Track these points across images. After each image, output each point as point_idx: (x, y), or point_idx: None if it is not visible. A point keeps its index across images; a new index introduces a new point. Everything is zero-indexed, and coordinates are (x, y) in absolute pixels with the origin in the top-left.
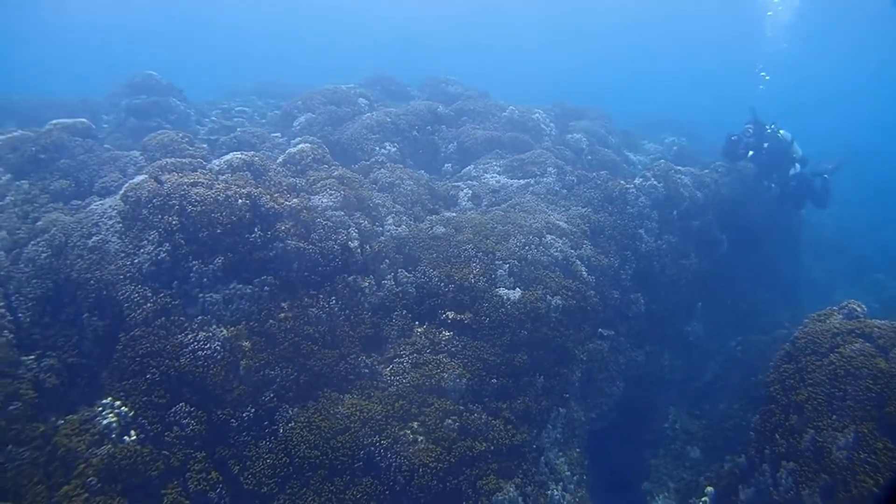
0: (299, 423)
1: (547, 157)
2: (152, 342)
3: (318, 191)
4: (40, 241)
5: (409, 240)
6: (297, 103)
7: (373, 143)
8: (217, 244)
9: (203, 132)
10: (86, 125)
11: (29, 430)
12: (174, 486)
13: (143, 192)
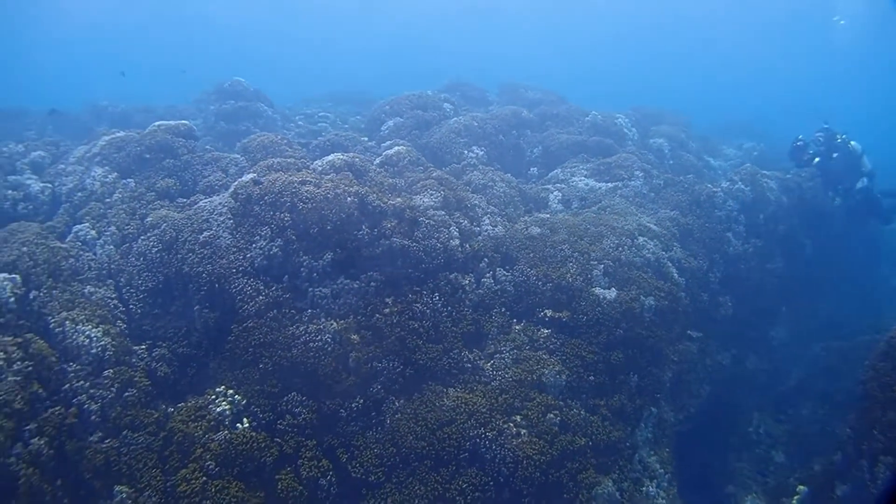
0: (406, 415)
1: (633, 161)
2: (265, 333)
3: (419, 191)
4: (150, 236)
5: (505, 239)
6: (384, 108)
7: (461, 146)
8: (327, 240)
9: (291, 136)
10: (188, 127)
11: (143, 417)
12: (287, 473)
13: (253, 190)
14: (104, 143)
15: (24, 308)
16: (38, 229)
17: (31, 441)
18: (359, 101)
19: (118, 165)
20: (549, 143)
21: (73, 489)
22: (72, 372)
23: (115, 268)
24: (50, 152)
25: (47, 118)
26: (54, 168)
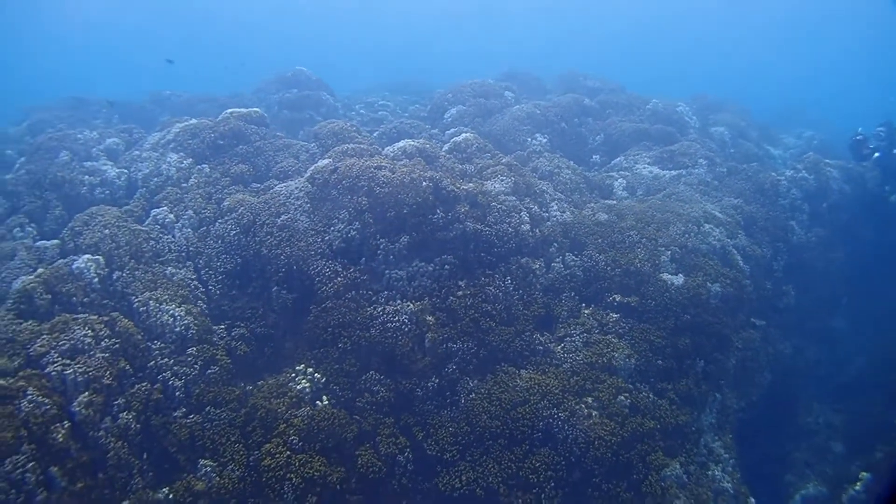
0: (480, 395)
1: (696, 149)
2: (343, 314)
3: (489, 177)
4: (228, 219)
5: (574, 225)
6: (446, 96)
7: (524, 134)
8: (403, 224)
9: (354, 124)
10: (259, 114)
11: (225, 394)
12: (367, 449)
13: (330, 174)
14: (178, 129)
15: (108, 288)
16: (118, 213)
17: (119, 416)
18: (415, 91)
19: (193, 151)
20: (610, 130)
21: (158, 463)
22: (156, 350)
23: (194, 250)
24: (123, 139)
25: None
26: (129, 154)
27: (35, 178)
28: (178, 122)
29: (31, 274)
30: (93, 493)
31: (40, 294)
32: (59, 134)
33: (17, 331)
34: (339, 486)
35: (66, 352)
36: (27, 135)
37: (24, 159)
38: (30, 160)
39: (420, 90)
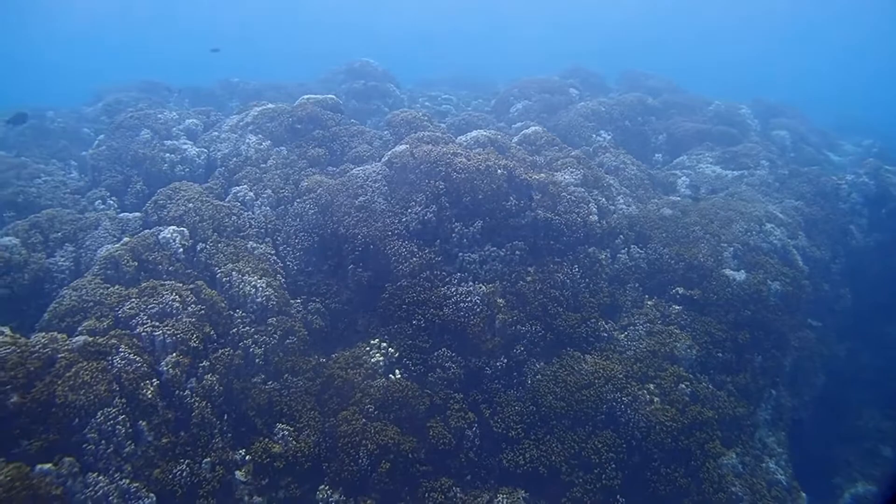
0: (546, 377)
1: (758, 151)
2: (418, 293)
3: (559, 168)
4: (306, 199)
5: (639, 219)
6: (512, 91)
7: (589, 130)
8: (477, 209)
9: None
10: (335, 101)
11: (302, 363)
12: (437, 421)
13: (409, 159)
14: (257, 113)
15: (192, 258)
16: (200, 189)
17: (203, 377)
18: (474, 86)
19: (271, 134)
20: (673, 130)
21: (237, 425)
22: (238, 318)
23: (272, 227)
24: (202, 120)
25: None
26: (207, 135)
27: (116, 154)
28: (257, 106)
29: (116, 243)
30: (176, 448)
31: (127, 261)
32: (140, 113)
33: (105, 294)
34: (411, 454)
35: (156, 315)
36: (103, 115)
37: (103, 136)
38: (111, 137)
39: (478, 85)
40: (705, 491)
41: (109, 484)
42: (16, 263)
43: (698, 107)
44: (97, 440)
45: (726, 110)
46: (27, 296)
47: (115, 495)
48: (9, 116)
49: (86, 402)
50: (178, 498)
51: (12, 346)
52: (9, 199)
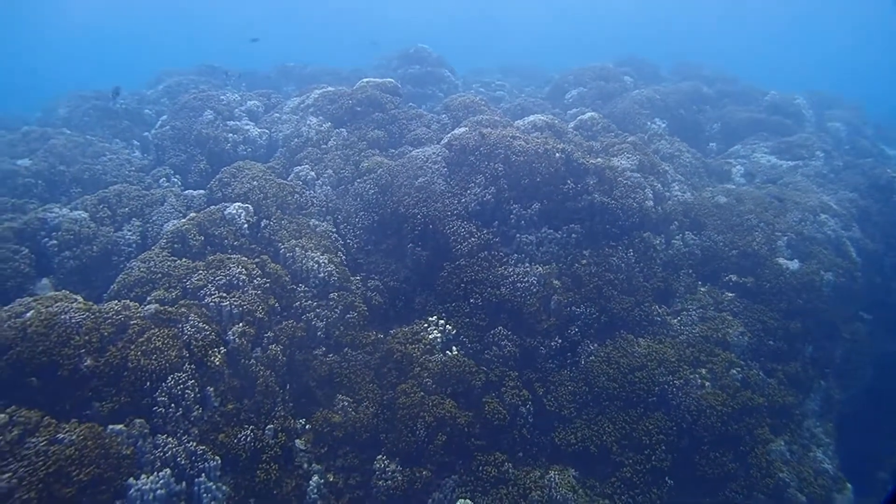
0: (599, 358)
1: (813, 142)
2: (476, 272)
3: (616, 153)
4: (367, 179)
5: (694, 205)
6: (567, 78)
7: (644, 118)
8: (535, 191)
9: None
10: (394, 84)
11: (362, 338)
12: (492, 397)
13: (469, 141)
14: (317, 95)
15: (256, 234)
16: (263, 167)
17: (268, 347)
18: (526, 74)
19: (331, 116)
20: (728, 119)
21: (298, 395)
22: (301, 292)
23: (333, 206)
24: (262, 102)
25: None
26: (269, 116)
27: (180, 133)
28: (317, 89)
29: (182, 218)
30: (241, 414)
31: (193, 235)
32: (204, 95)
33: (172, 266)
34: (466, 428)
35: (223, 286)
36: (163, 97)
37: (166, 117)
38: (174, 117)
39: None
40: (753, 476)
41: (177, 446)
42: (85, 236)
43: (753, 96)
44: (167, 403)
45: (781, 101)
46: (96, 267)
47: (183, 456)
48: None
49: (157, 367)
50: (242, 462)
51: (86, 313)
52: (76, 176)
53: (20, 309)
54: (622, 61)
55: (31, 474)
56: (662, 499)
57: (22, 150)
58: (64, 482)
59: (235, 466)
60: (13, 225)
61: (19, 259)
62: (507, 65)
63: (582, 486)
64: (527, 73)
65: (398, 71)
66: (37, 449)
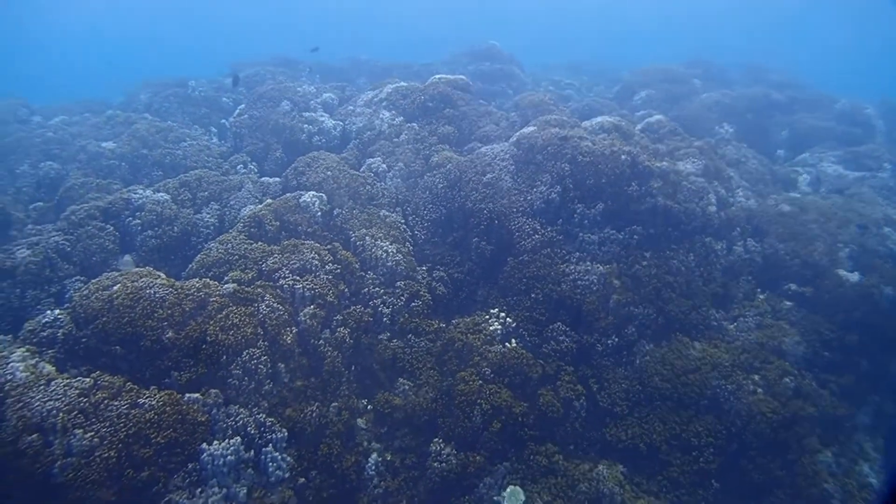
0: (654, 358)
1: (882, 153)
2: (538, 268)
3: (681, 157)
4: (436, 173)
5: (757, 212)
6: (635, 79)
7: (712, 122)
8: (600, 192)
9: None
10: (465, 81)
11: (425, 326)
12: (548, 390)
13: (537, 140)
14: (390, 90)
15: (328, 222)
16: (337, 158)
17: (336, 330)
18: (594, 72)
19: (403, 110)
20: (796, 126)
21: (362, 377)
22: (369, 279)
23: (402, 198)
24: (337, 95)
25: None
26: (343, 108)
27: (257, 122)
28: (390, 84)
29: (258, 204)
30: (308, 391)
31: (270, 220)
32: (281, 86)
33: (249, 249)
34: (521, 418)
35: (297, 270)
36: (241, 86)
37: (244, 105)
38: (252, 107)
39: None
40: (798, 484)
41: (248, 416)
42: (167, 217)
43: (823, 104)
44: (241, 376)
45: (851, 109)
46: (175, 246)
47: (253, 426)
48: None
49: (234, 342)
50: (307, 436)
51: (169, 289)
52: (157, 160)
53: (107, 282)
54: (691, 63)
55: (113, 434)
56: (707, 500)
57: (107, 132)
58: (142, 443)
59: (300, 439)
60: (99, 204)
61: (104, 236)
62: (576, 62)
63: (629, 482)
64: (594, 71)
65: (469, 67)
66: (119, 412)
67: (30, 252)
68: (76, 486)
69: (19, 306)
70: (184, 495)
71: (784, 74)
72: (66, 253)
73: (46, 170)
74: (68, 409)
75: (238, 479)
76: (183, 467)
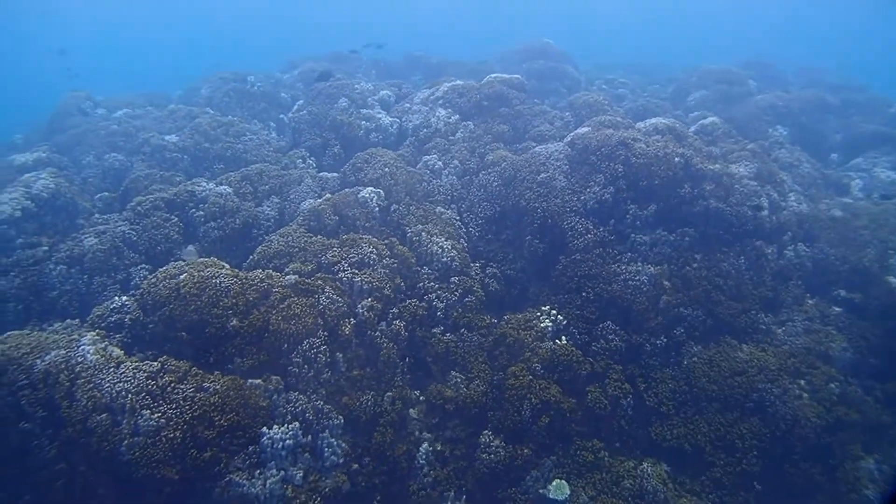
0: (702, 360)
1: None
2: (590, 267)
3: (734, 160)
4: (491, 172)
5: (808, 217)
6: (690, 80)
7: (765, 124)
8: (652, 194)
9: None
10: (520, 80)
11: (477, 321)
12: (596, 388)
13: (591, 141)
14: (446, 88)
15: (385, 217)
16: (394, 155)
17: (392, 322)
18: (648, 71)
19: (459, 109)
20: (850, 130)
21: (415, 368)
22: (425, 274)
23: (457, 195)
24: (394, 92)
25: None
26: (399, 106)
27: (316, 118)
28: (446, 82)
29: (317, 198)
30: (363, 381)
31: (329, 215)
32: (339, 83)
33: (309, 242)
34: (569, 414)
35: (355, 263)
36: (299, 81)
37: (302, 101)
38: (310, 103)
39: (652, 70)
40: (839, 491)
41: (307, 403)
42: (229, 209)
43: (877, 107)
44: (301, 364)
45: None
46: (236, 238)
47: (311, 413)
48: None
49: (295, 332)
50: (362, 423)
51: (234, 279)
52: (219, 153)
53: (174, 271)
54: (747, 63)
55: (179, 416)
56: (749, 502)
57: (169, 126)
58: (206, 425)
59: (356, 427)
60: (164, 195)
61: (169, 226)
62: (629, 61)
63: (672, 480)
64: (649, 70)
65: (522, 65)
66: (185, 394)
67: (97, 240)
68: (142, 464)
69: (86, 292)
70: (244, 476)
71: (839, 77)
72: (132, 242)
73: (111, 161)
74: (137, 390)
75: (295, 463)
76: (244, 449)
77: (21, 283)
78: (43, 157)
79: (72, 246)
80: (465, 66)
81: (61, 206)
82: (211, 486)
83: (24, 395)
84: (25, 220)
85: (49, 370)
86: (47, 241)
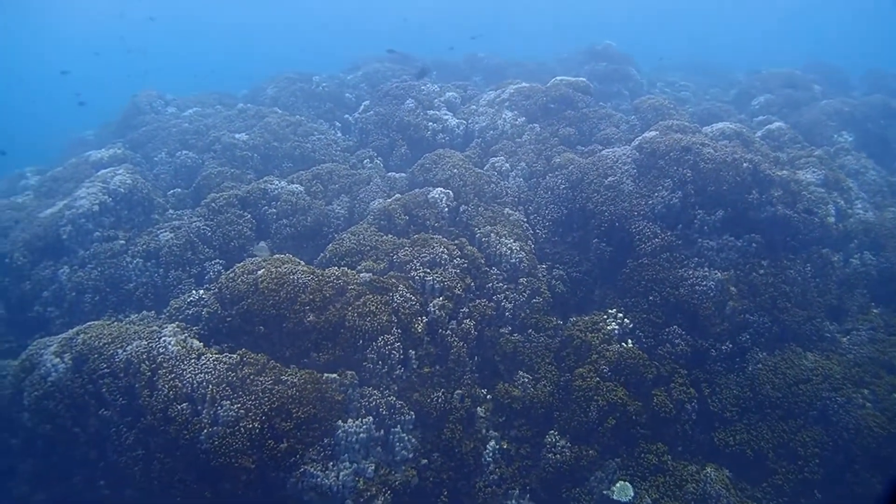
0: (767, 367)
1: None
2: (657, 271)
3: (802, 167)
4: (558, 174)
5: (875, 225)
6: (754, 83)
7: (831, 129)
8: (720, 199)
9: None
10: (585, 83)
11: (545, 322)
12: (661, 391)
13: (659, 146)
14: (512, 90)
15: (454, 218)
16: (462, 156)
17: (462, 321)
18: (710, 73)
19: (525, 111)
20: None
21: (483, 367)
22: (494, 274)
23: (524, 197)
24: (459, 94)
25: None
26: (465, 108)
27: (383, 119)
28: (512, 85)
29: (386, 198)
30: (434, 378)
31: (399, 214)
32: (406, 84)
33: (380, 240)
34: (634, 416)
35: (427, 263)
36: (363, 82)
37: (368, 102)
38: (377, 103)
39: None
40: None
41: (380, 398)
42: (300, 207)
43: None
44: (375, 360)
45: None
46: (308, 235)
47: (384, 407)
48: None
49: (370, 328)
50: (432, 419)
51: (311, 275)
52: (287, 152)
53: (252, 267)
54: (809, 66)
55: (257, 407)
56: None
57: (238, 125)
58: (284, 417)
59: (426, 423)
60: (237, 193)
61: (243, 223)
62: (690, 62)
63: (734, 486)
64: (710, 71)
65: (584, 67)
66: (263, 386)
67: (172, 235)
68: (221, 453)
69: (162, 285)
70: (318, 467)
71: None
72: (206, 237)
73: (183, 158)
74: (217, 381)
75: (367, 456)
76: (319, 442)
77: (98, 275)
78: (118, 153)
79: (148, 240)
80: (524, 66)
81: (137, 202)
82: (286, 476)
83: (105, 383)
84: (103, 214)
85: (130, 360)
86: (124, 235)
